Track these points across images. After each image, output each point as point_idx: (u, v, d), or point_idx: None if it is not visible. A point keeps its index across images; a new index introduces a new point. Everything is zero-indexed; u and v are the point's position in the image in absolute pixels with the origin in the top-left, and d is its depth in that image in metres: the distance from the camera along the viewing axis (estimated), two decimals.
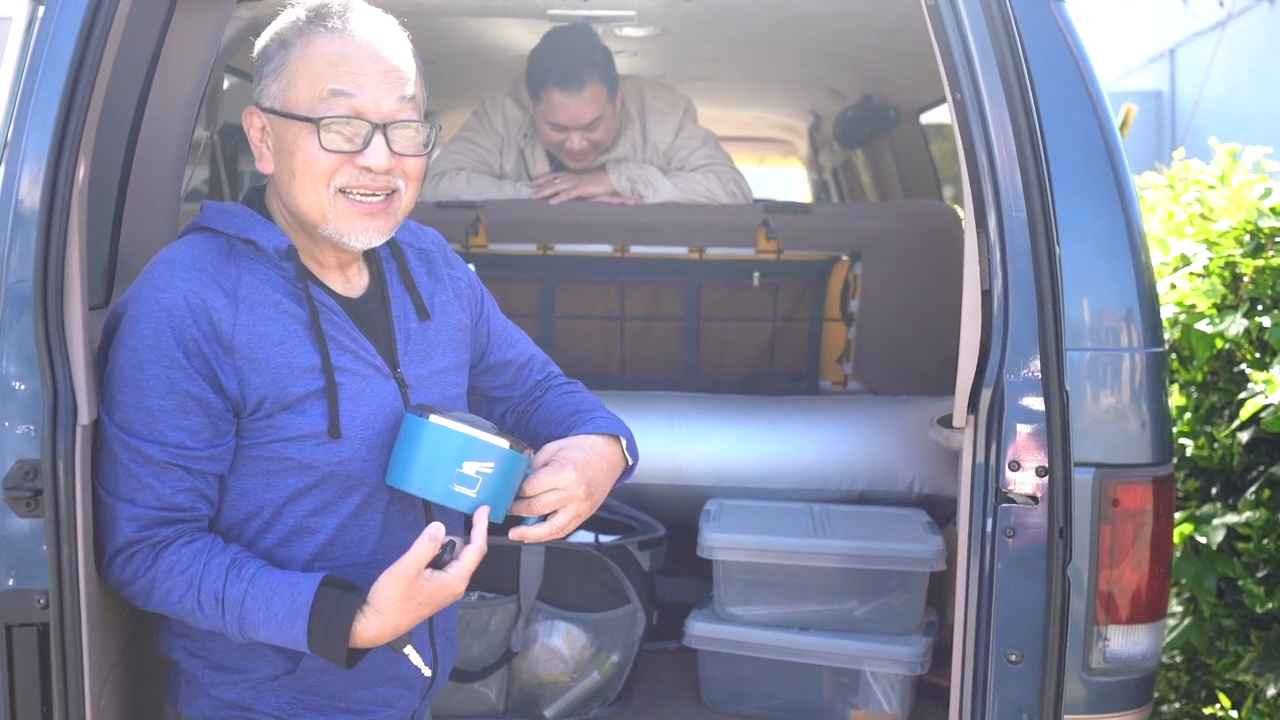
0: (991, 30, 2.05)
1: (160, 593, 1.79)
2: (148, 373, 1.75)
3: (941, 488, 3.18)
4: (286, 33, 1.80)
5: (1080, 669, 2.18)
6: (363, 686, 1.88)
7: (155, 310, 1.74)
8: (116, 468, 1.79)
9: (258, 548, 1.82)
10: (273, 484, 1.81)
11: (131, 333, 1.76)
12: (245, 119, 1.83)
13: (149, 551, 1.78)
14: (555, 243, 3.48)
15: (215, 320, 1.74)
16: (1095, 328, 2.17)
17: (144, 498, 1.77)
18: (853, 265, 3.50)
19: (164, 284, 1.76)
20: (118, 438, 1.78)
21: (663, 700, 3.03)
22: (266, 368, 1.77)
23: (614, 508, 3.16)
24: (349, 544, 1.84)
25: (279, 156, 1.80)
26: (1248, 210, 3.08)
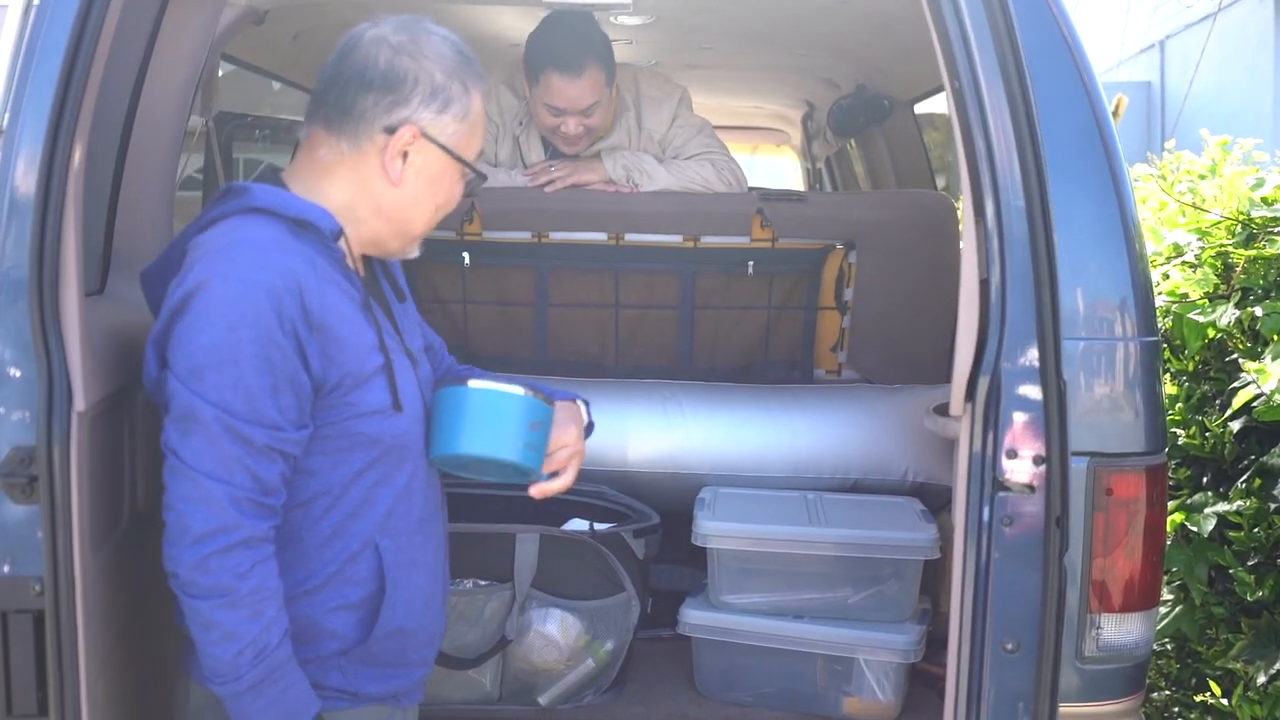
0: (990, 20, 2.06)
1: (228, 603, 1.75)
2: (245, 351, 1.73)
3: (935, 477, 3.19)
4: (466, 78, 1.91)
5: (1074, 657, 2.19)
6: (413, 649, 1.98)
7: (253, 289, 1.74)
8: (214, 447, 1.74)
9: (322, 525, 1.87)
10: (342, 460, 1.85)
11: (229, 310, 1.73)
12: (402, 133, 1.86)
13: (246, 553, 1.76)
14: (550, 231, 3.47)
15: (306, 300, 1.77)
16: (1090, 317, 2.18)
17: (242, 479, 1.75)
18: (847, 254, 3.50)
19: (258, 263, 1.76)
20: (219, 418, 1.74)
21: (657, 688, 3.04)
22: (348, 346, 1.82)
23: (609, 495, 3.17)
24: (401, 514, 1.93)
25: (424, 182, 1.91)
26: (1239, 200, 3.09)
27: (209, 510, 1.74)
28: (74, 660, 1.95)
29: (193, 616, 1.77)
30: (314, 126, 1.92)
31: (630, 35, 4.15)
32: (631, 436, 3.24)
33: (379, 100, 1.86)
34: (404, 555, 1.94)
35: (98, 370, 2.05)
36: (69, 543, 1.95)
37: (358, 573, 1.90)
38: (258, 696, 1.78)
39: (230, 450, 1.74)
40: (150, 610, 2.36)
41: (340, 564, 1.89)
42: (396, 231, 1.94)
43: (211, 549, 1.74)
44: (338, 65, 1.90)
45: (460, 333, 3.58)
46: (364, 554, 1.90)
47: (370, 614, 1.92)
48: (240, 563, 1.75)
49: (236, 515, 1.75)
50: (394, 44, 1.87)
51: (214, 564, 1.74)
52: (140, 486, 2.29)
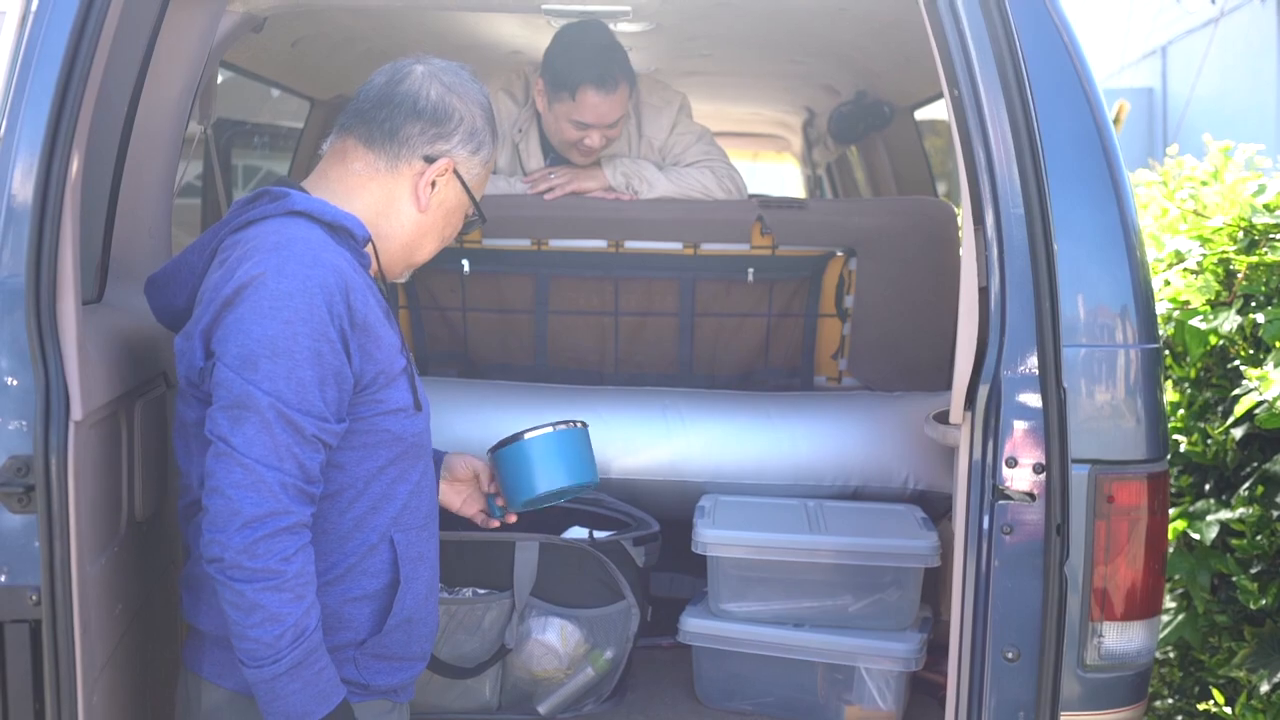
0: (989, 26, 2.05)
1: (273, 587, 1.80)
2: (301, 344, 1.82)
3: (935, 484, 3.18)
4: (494, 127, 2.09)
5: (1075, 666, 2.18)
6: (416, 641, 2.07)
7: (308, 285, 1.84)
8: (267, 434, 1.81)
9: (346, 517, 1.94)
10: (368, 455, 1.95)
11: (285, 305, 1.82)
12: (442, 164, 2.02)
13: (291, 538, 1.82)
14: (550, 238, 3.47)
15: (352, 299, 1.88)
16: (1090, 324, 2.17)
17: (290, 466, 1.82)
18: (847, 261, 3.50)
19: (312, 261, 1.86)
20: (273, 406, 1.81)
21: (657, 696, 3.03)
22: (383, 345, 1.94)
23: (609, 504, 3.16)
24: (413, 510, 2.03)
25: (442, 213, 2.07)
26: (1241, 207, 3.09)
27: (260, 495, 1.80)
28: (71, 670, 1.95)
29: (234, 600, 1.81)
30: (349, 140, 2.03)
31: (630, 42, 4.14)
32: (631, 444, 3.23)
33: (425, 130, 2.01)
34: (414, 550, 2.03)
35: (95, 379, 2.05)
36: (66, 552, 1.94)
37: (374, 565, 1.98)
38: (294, 679, 1.83)
39: (282, 438, 1.81)
40: (147, 619, 2.36)
41: (360, 556, 1.97)
42: (404, 256, 2.08)
43: (261, 533, 1.80)
44: (387, 90, 2.03)
45: (460, 340, 3.58)
46: (381, 547, 1.99)
47: (384, 606, 2.00)
48: (286, 547, 1.81)
49: (286, 501, 1.81)
50: (445, 82, 2.04)
51: (262, 548, 1.80)
52: (138, 495, 2.29)
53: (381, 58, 2.09)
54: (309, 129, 4.65)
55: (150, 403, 2.36)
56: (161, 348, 2.48)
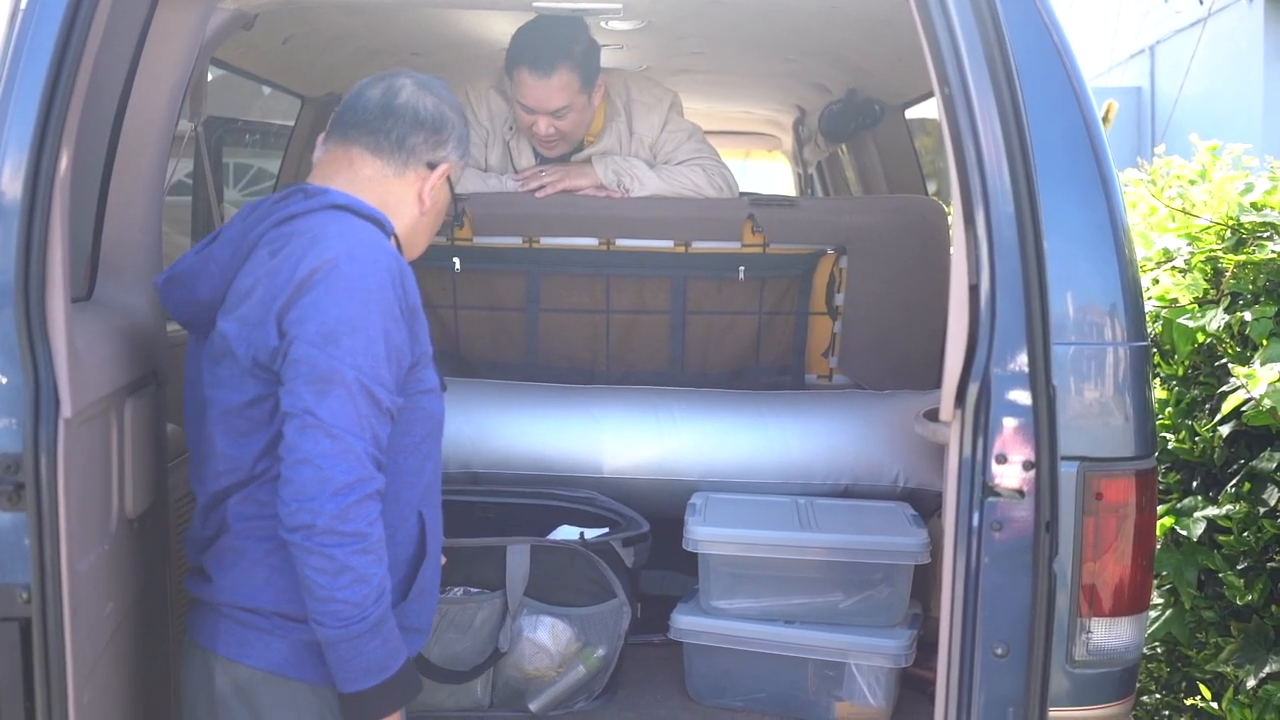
0: (979, 25, 2.06)
1: (362, 549, 1.91)
2: (374, 322, 1.96)
3: (926, 482, 3.19)
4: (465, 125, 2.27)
5: (1064, 661, 2.19)
6: (426, 614, 2.19)
7: (378, 269, 1.99)
8: (353, 405, 1.93)
9: (387, 490, 2.02)
10: (408, 430, 2.07)
11: (359, 286, 1.96)
12: (444, 169, 2.20)
13: (374, 504, 1.94)
14: (541, 236, 3.47)
15: (407, 284, 2.04)
16: (1079, 322, 2.18)
17: (369, 435, 1.95)
18: (838, 259, 3.50)
19: (379, 248, 2.03)
20: (358, 380, 1.93)
21: (648, 694, 3.04)
22: (423, 328, 2.10)
23: (599, 502, 3.16)
24: (434, 487, 2.18)
25: (434, 211, 2.24)
26: (1229, 206, 3.10)
27: (349, 463, 1.91)
28: (61, 668, 1.94)
29: (323, 565, 1.90)
30: (355, 149, 2.16)
31: (621, 40, 4.14)
32: (623, 442, 3.23)
33: (427, 139, 2.18)
34: (434, 525, 2.18)
35: (85, 376, 2.04)
36: (56, 550, 1.94)
37: (406, 536, 2.11)
38: (375, 635, 1.94)
39: (365, 409, 1.94)
40: (139, 617, 2.36)
41: (395, 527, 2.07)
42: (406, 250, 2.21)
43: (353, 498, 1.91)
44: (387, 102, 2.17)
45: (451, 338, 3.57)
46: (410, 519, 2.12)
47: (407, 576, 2.13)
48: (371, 511, 1.93)
49: (372, 468, 1.94)
50: (435, 94, 2.20)
51: (353, 512, 1.91)
52: (129, 494, 2.28)
53: (373, 55, 2.09)
54: (300, 126, 4.64)
55: (141, 400, 2.35)
56: (153, 345, 2.48)
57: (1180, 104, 11.21)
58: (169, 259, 2.44)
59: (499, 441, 3.21)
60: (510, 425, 3.23)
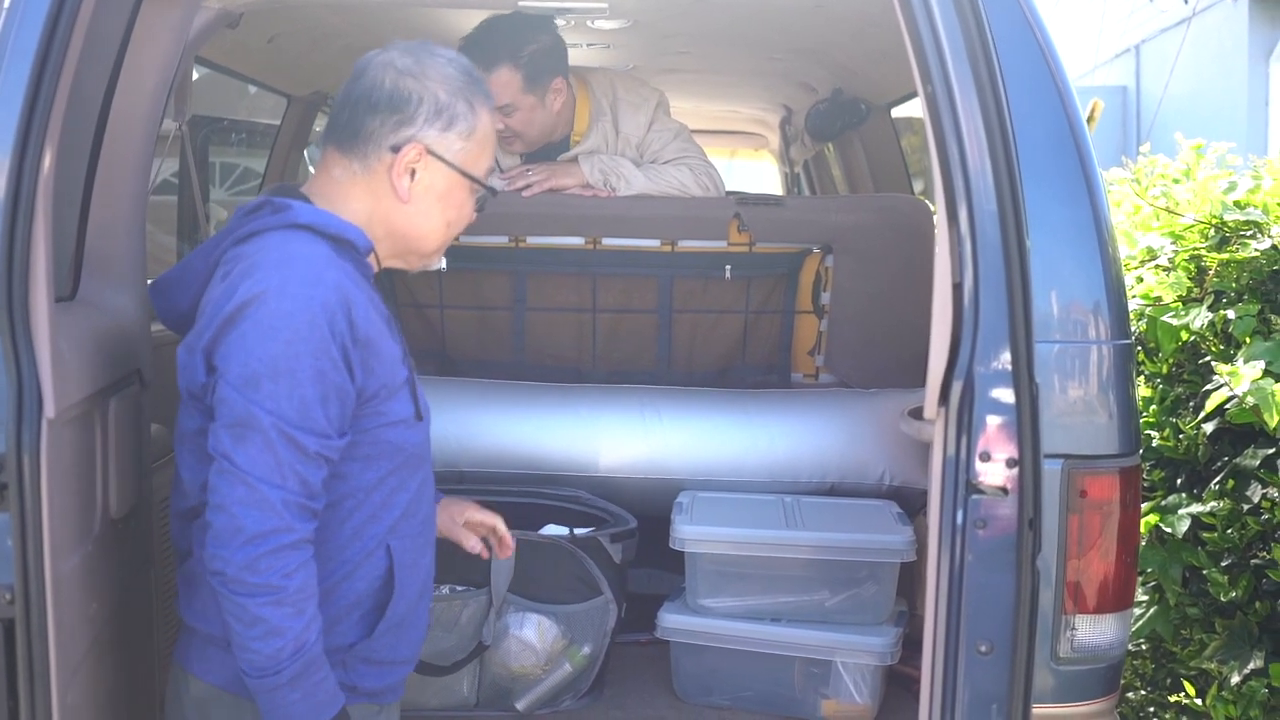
0: (963, 23, 2.06)
1: (274, 601, 1.82)
2: (303, 363, 1.83)
3: (911, 480, 3.19)
4: (470, 95, 2.01)
5: (1048, 659, 2.20)
6: (404, 646, 2.08)
7: (310, 304, 1.84)
8: (270, 453, 1.82)
9: (346, 526, 1.96)
10: (370, 466, 1.96)
11: (286, 325, 1.83)
12: (407, 151, 1.96)
13: (293, 554, 1.84)
14: (527, 235, 3.47)
15: (354, 315, 1.88)
16: (1063, 320, 2.19)
17: (293, 484, 1.84)
18: (824, 258, 3.51)
19: (314, 279, 1.86)
20: (276, 426, 1.82)
21: (634, 692, 3.04)
22: (384, 357, 1.94)
23: (586, 500, 3.16)
24: (410, 517, 2.04)
25: (433, 199, 2.01)
26: (1213, 204, 3.11)
27: (263, 513, 1.82)
28: (45, 669, 1.94)
29: (237, 613, 1.84)
30: (328, 147, 2.02)
31: (607, 39, 4.14)
32: (609, 441, 3.24)
33: (385, 121, 1.96)
34: (409, 556, 2.04)
35: (69, 376, 2.04)
36: (39, 551, 1.93)
37: (370, 572, 2.00)
38: (294, 689, 1.86)
39: (284, 456, 1.83)
40: (123, 617, 2.35)
41: (356, 563, 1.99)
42: (410, 248, 2.06)
43: (264, 549, 1.82)
44: (348, 89, 2.00)
45: (437, 337, 3.57)
46: (377, 554, 2.00)
47: (374, 610, 2.02)
48: (288, 563, 1.83)
49: (289, 518, 1.83)
50: (399, 67, 1.97)
51: (264, 564, 1.82)
52: (112, 494, 2.28)
53: (359, 53, 2.08)
54: (286, 126, 4.63)
55: (125, 400, 2.35)
56: (136, 346, 2.47)
57: (1165, 103, 11.25)
58: (153, 259, 2.44)
59: (485, 440, 3.21)
60: (497, 424, 3.23)
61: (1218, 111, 11.08)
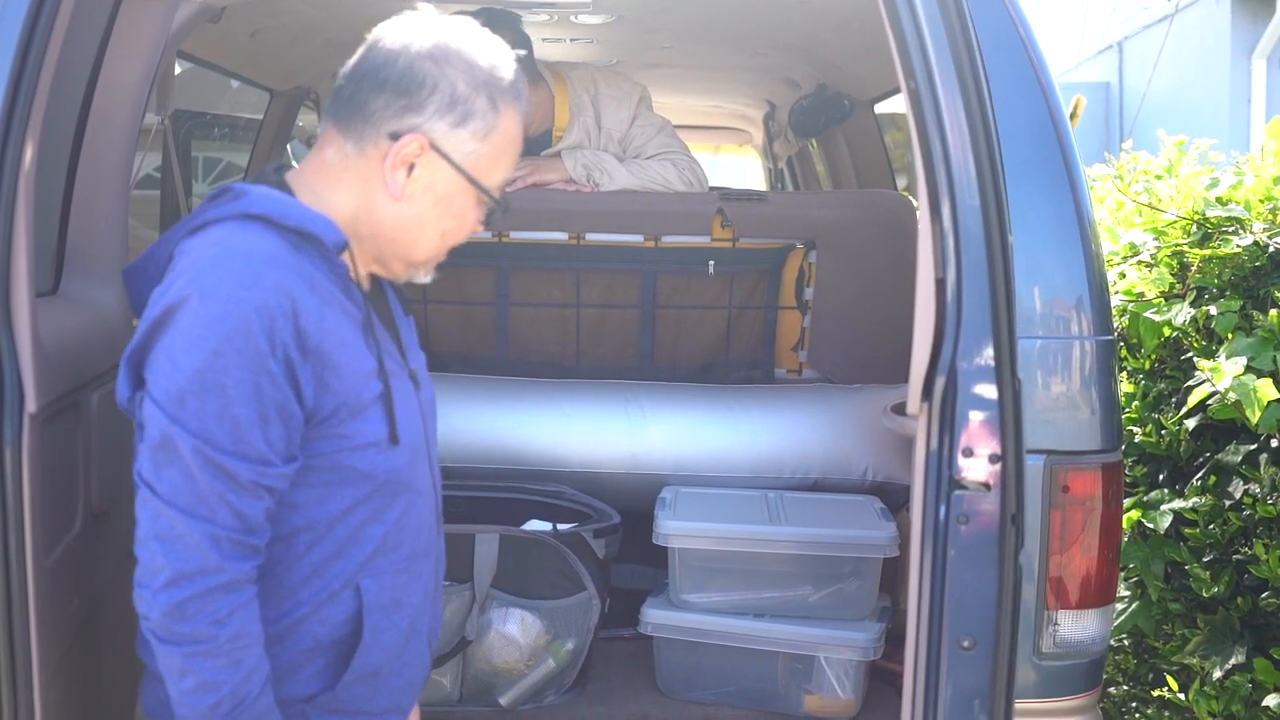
0: (945, 19, 2.06)
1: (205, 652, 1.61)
2: (232, 378, 1.58)
3: (894, 475, 3.20)
4: (497, 95, 1.73)
5: (1031, 654, 2.20)
6: (384, 695, 1.81)
7: (243, 309, 1.58)
8: (193, 482, 1.59)
9: (303, 562, 1.71)
10: (329, 495, 1.70)
11: (212, 333, 1.58)
12: (407, 141, 1.69)
13: (225, 597, 1.60)
14: (510, 230, 3.46)
15: (301, 323, 1.62)
16: (1046, 316, 2.19)
17: (224, 517, 1.60)
18: (807, 254, 3.51)
19: (247, 280, 1.60)
20: (200, 450, 1.58)
21: (618, 687, 3.04)
22: (345, 373, 1.67)
23: (569, 495, 3.16)
24: (388, 552, 1.77)
25: (429, 201, 1.73)
26: (1195, 200, 3.12)
27: (186, 551, 1.59)
28: (26, 665, 1.93)
29: (166, 662, 1.63)
30: (327, 123, 1.77)
31: (591, 35, 4.14)
32: (593, 436, 3.23)
33: (390, 103, 1.70)
34: (386, 596, 1.78)
35: (50, 371, 2.03)
36: (21, 546, 1.92)
37: (335, 615, 1.74)
38: None
39: (211, 485, 1.59)
40: (106, 614, 2.34)
41: (315, 605, 1.73)
42: (396, 253, 1.78)
43: (189, 593, 1.59)
44: (358, 59, 1.74)
45: (421, 333, 3.54)
46: (343, 594, 1.74)
47: (341, 657, 1.76)
48: (219, 608, 1.60)
49: (217, 557, 1.59)
50: (420, 46, 1.71)
51: (191, 609, 1.59)
52: (94, 489, 2.26)
53: (342, 48, 2.06)
54: (268, 120, 4.61)
55: (107, 395, 2.33)
56: (118, 340, 2.46)
57: (1148, 100, 11.30)
58: (135, 253, 2.41)
59: (469, 436, 3.21)
60: (480, 419, 3.23)
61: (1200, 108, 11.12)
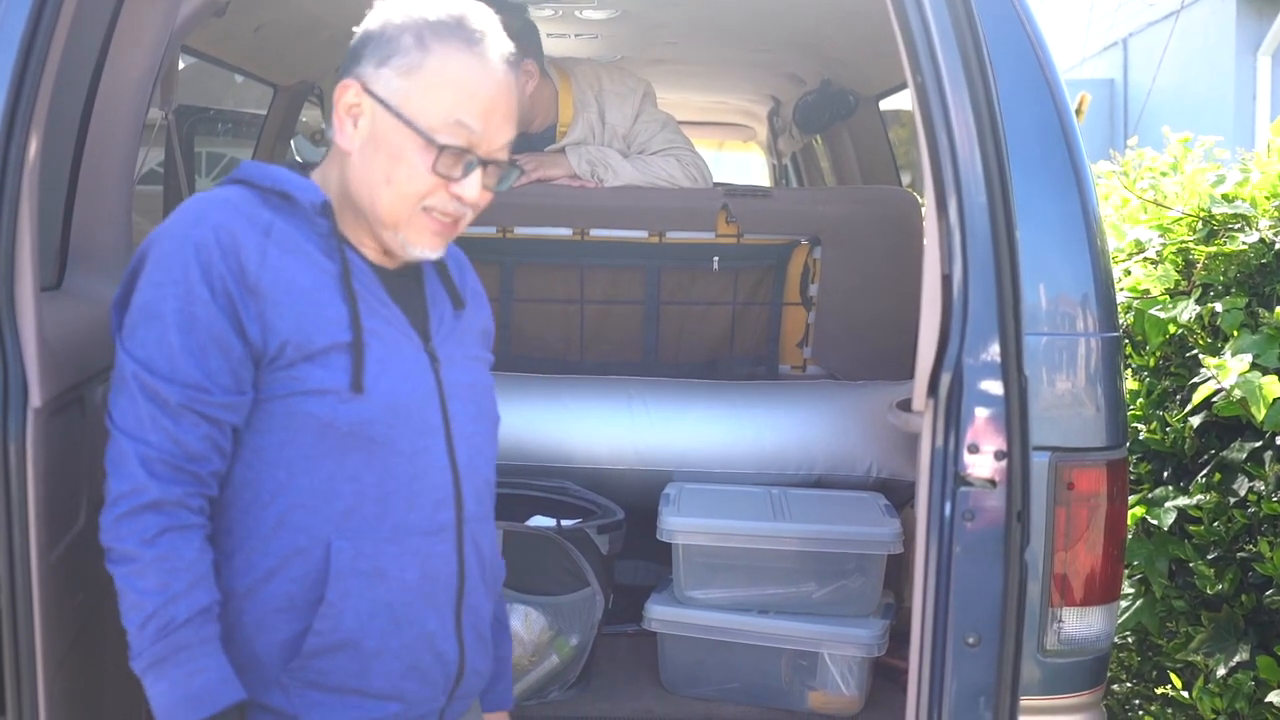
0: (953, 14, 2.06)
1: (134, 571, 1.67)
2: (169, 306, 1.67)
3: (899, 472, 3.20)
4: (426, 32, 1.73)
5: (1035, 651, 2.20)
6: (379, 676, 1.77)
7: (184, 244, 1.68)
8: (133, 404, 1.68)
9: (269, 511, 1.73)
10: (289, 440, 1.72)
11: (157, 267, 1.69)
12: (341, 88, 1.75)
13: (154, 517, 1.66)
14: (515, 226, 3.46)
15: (243, 259, 1.68)
16: (1051, 312, 2.19)
17: (157, 439, 1.67)
18: (812, 250, 3.51)
19: (194, 220, 1.70)
20: (137, 375, 1.68)
21: (622, 683, 3.04)
22: (291, 313, 1.70)
23: (574, 492, 3.16)
24: (370, 517, 1.75)
25: (373, 149, 1.74)
26: (1200, 197, 3.12)
27: (123, 471, 1.67)
28: (31, 659, 1.93)
29: (115, 585, 1.70)
30: None
31: (595, 30, 4.14)
32: (596, 433, 3.23)
33: (348, 61, 1.78)
34: (365, 563, 1.74)
35: (54, 366, 2.02)
36: (25, 540, 1.92)
37: (305, 573, 1.73)
38: (160, 677, 1.66)
39: (145, 409, 1.67)
40: (110, 608, 2.34)
41: (284, 557, 1.73)
42: (372, 213, 1.77)
43: (120, 510, 1.67)
44: None
45: None
46: (311, 551, 1.73)
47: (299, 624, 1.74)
48: (146, 528, 1.66)
49: (144, 476, 1.66)
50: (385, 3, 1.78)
51: (124, 528, 1.67)
52: (99, 483, 2.26)
53: (346, 43, 2.05)
54: (272, 116, 4.61)
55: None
56: None
57: (1153, 96, 11.28)
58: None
59: None
60: None
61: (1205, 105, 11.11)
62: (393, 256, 1.83)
